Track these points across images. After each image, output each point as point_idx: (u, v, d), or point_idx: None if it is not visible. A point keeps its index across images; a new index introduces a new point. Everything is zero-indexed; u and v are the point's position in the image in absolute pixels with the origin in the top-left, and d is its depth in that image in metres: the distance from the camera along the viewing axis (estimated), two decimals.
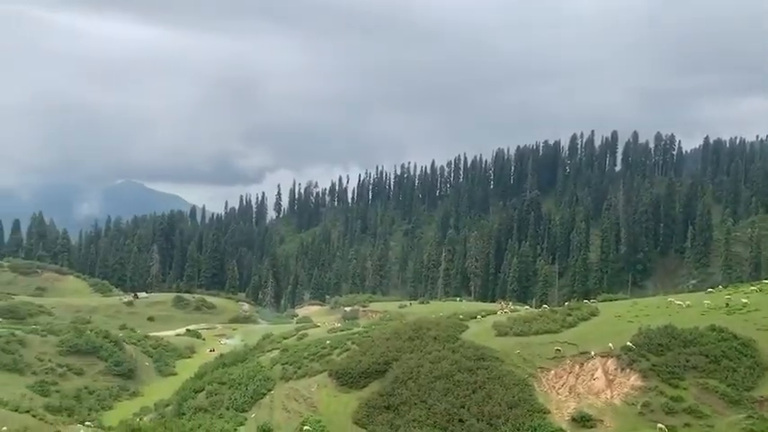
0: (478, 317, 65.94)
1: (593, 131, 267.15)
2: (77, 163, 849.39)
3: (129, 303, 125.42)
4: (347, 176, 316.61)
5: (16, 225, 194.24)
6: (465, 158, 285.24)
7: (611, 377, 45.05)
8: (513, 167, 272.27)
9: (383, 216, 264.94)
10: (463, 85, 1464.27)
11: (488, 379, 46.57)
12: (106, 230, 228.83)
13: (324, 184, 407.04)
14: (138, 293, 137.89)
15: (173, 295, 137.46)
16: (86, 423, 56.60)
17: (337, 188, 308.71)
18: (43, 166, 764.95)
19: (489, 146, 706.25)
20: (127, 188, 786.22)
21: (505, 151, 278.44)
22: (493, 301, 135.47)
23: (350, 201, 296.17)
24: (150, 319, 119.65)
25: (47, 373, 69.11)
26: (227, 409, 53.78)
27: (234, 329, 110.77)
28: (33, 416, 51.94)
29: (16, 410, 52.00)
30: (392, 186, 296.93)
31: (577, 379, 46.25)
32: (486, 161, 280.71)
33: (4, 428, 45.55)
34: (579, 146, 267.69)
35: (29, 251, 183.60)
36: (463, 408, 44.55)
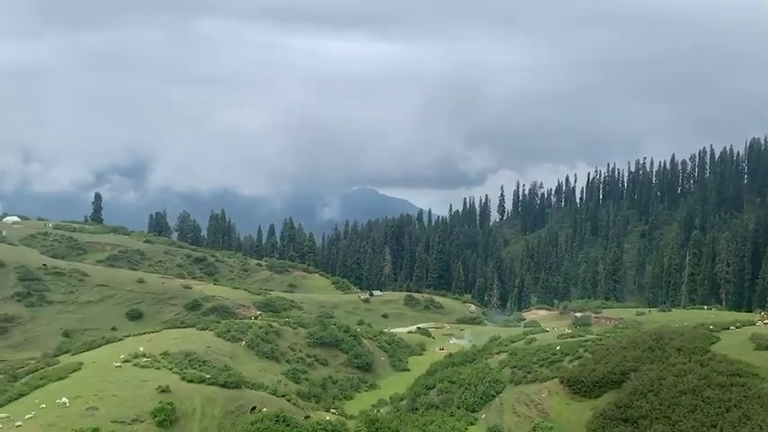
0: (732, 328, 58.93)
1: None
2: (319, 172, 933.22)
3: (366, 300, 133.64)
4: (575, 176, 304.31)
5: (272, 230, 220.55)
6: (711, 151, 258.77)
7: None
8: None
9: (616, 216, 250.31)
10: (707, 71, 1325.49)
11: (745, 397, 41.52)
12: (345, 233, 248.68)
13: (549, 185, 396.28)
14: (373, 291, 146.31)
15: (404, 294, 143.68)
16: (331, 410, 61.50)
17: (564, 188, 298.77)
18: (291, 176, 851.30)
19: (741, 136, 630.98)
20: (361, 194, 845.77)
21: (762, 141, 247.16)
22: (749, 310, 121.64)
23: (578, 201, 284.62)
24: (384, 316, 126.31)
25: (298, 361, 75.70)
26: (458, 407, 54.78)
27: (461, 329, 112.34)
28: (288, 400, 57.43)
29: (274, 394, 57.92)
30: (625, 184, 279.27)
31: None
32: (737, 153, 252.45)
33: (264, 409, 51.22)
34: None
35: (282, 252, 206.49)
36: (714, 427, 40.25)
